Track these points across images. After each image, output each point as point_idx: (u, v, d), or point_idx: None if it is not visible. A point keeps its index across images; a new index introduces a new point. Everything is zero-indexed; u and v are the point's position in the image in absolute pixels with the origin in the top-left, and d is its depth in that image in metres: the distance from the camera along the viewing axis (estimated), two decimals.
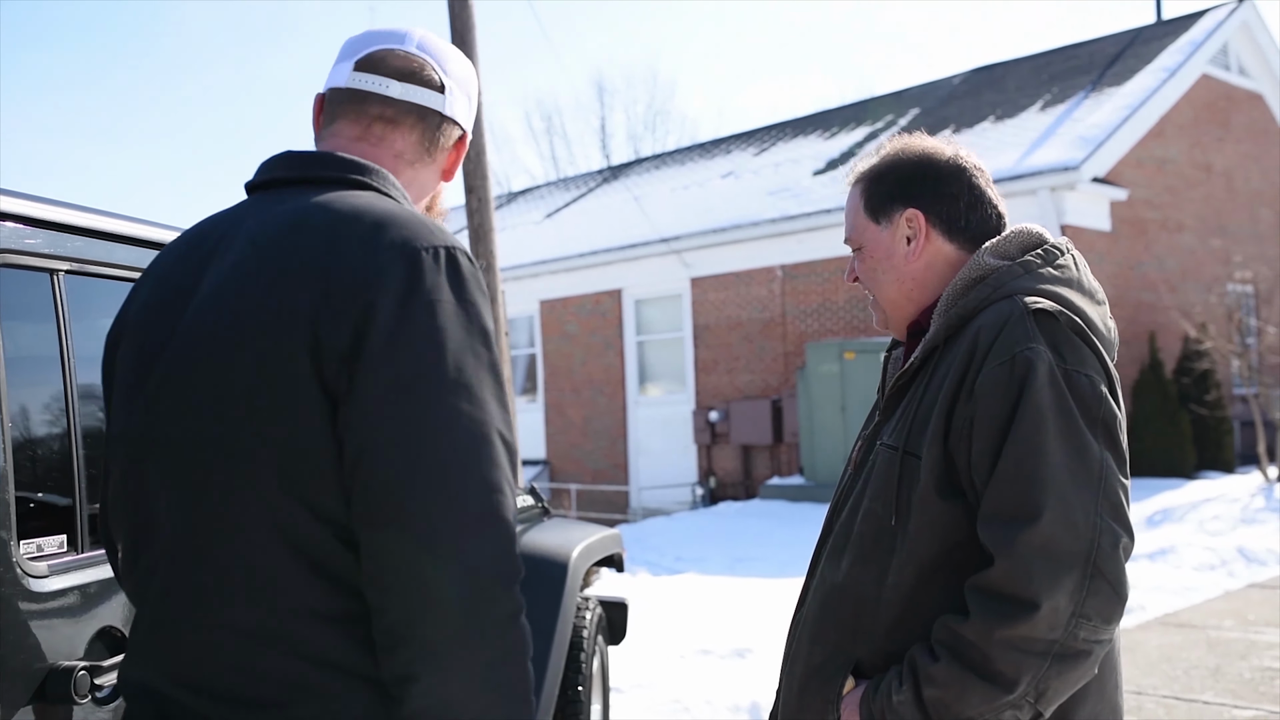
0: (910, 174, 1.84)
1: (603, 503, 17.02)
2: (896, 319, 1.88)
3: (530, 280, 18.09)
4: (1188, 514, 10.39)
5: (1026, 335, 1.63)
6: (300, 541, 1.32)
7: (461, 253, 1.39)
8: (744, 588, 8.35)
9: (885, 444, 1.78)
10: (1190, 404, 13.36)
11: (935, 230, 1.83)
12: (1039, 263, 1.75)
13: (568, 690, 3.94)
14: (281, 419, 1.32)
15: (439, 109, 1.60)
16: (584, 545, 4.11)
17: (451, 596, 1.25)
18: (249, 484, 1.33)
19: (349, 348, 1.30)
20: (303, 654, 1.31)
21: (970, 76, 18.63)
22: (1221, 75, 15.94)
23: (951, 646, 1.59)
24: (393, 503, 1.27)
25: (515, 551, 1.31)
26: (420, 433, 1.28)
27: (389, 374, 1.29)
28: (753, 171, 18.24)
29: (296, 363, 1.32)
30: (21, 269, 1.95)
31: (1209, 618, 7.05)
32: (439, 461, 1.28)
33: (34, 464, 1.96)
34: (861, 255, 1.88)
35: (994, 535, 1.58)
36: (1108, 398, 1.65)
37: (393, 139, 1.58)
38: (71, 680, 1.78)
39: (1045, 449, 1.58)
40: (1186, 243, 15.08)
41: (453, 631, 1.26)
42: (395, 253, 1.34)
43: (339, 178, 1.49)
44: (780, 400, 14.86)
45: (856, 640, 1.73)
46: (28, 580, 1.80)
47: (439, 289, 1.34)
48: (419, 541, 1.26)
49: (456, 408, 1.30)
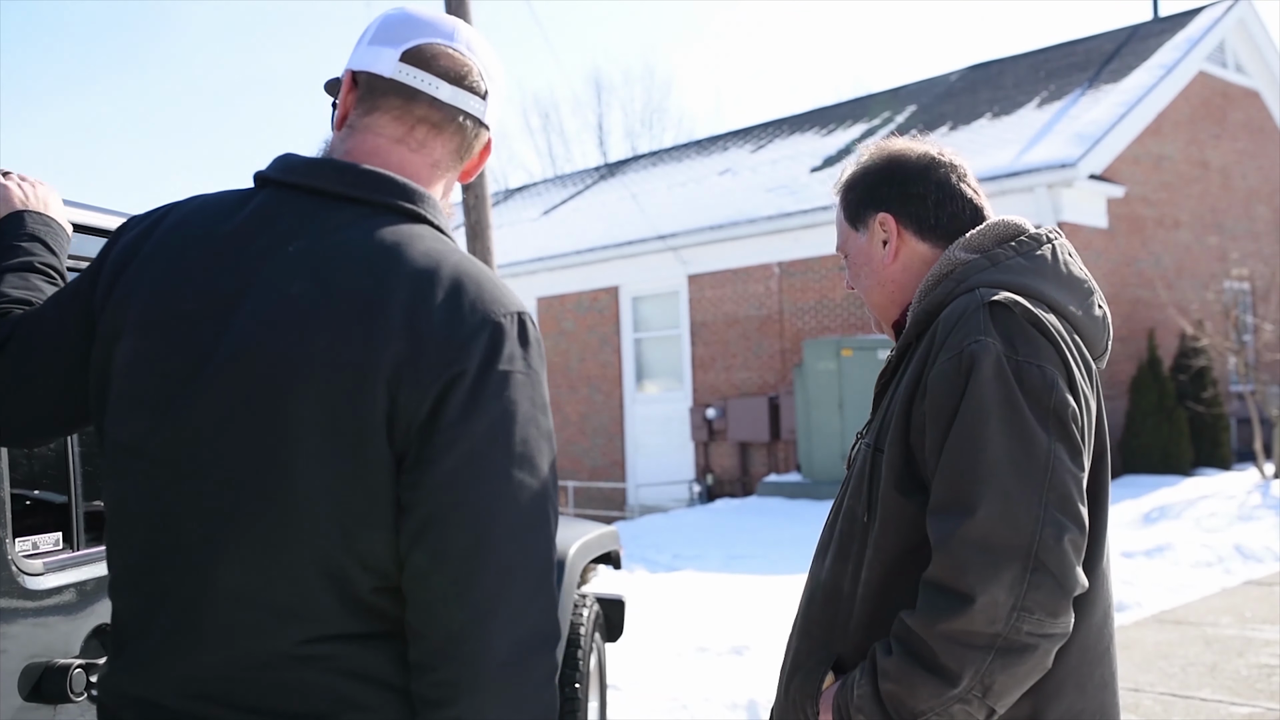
0: (878, 178, 1.86)
1: (600, 500, 17.03)
2: (884, 321, 1.93)
3: (527, 277, 18.08)
4: (1185, 511, 10.41)
5: (978, 328, 1.62)
6: (340, 582, 1.33)
7: (529, 318, 1.40)
8: (741, 585, 8.35)
9: (864, 442, 1.81)
10: (1187, 401, 13.37)
11: (907, 231, 1.84)
12: (1008, 254, 1.74)
13: (565, 688, 3.93)
14: (344, 469, 1.30)
15: (480, 116, 1.54)
16: (581, 542, 4.11)
17: (504, 661, 1.30)
18: (297, 525, 1.31)
19: (428, 415, 1.30)
20: (341, 671, 1.33)
21: (967, 73, 18.63)
22: (1218, 72, 15.95)
23: (903, 640, 1.60)
24: (456, 572, 1.30)
25: (558, 615, 1.36)
26: (488, 506, 1.31)
27: (464, 446, 1.30)
28: (750, 169, 18.24)
29: (370, 420, 1.30)
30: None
31: (1206, 615, 7.06)
32: (503, 535, 1.31)
33: (29, 461, 1.96)
34: (850, 263, 1.92)
35: (935, 529, 1.59)
36: (1060, 388, 1.61)
37: (433, 146, 1.51)
38: (67, 678, 1.78)
39: (985, 442, 1.57)
40: (1183, 240, 15.10)
41: (501, 692, 1.31)
42: (479, 321, 1.34)
43: (394, 205, 1.42)
44: (777, 397, 14.86)
45: (834, 636, 1.75)
46: (23, 578, 1.80)
47: (514, 359, 1.35)
48: (478, 610, 1.30)
49: (521, 481, 1.33)
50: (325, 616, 1.33)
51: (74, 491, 1.99)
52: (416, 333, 1.31)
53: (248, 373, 1.33)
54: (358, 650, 1.34)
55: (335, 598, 1.33)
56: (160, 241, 1.45)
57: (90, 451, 2.04)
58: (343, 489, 1.30)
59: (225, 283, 1.38)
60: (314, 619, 1.32)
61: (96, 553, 1.97)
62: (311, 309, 1.33)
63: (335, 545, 1.31)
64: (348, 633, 1.34)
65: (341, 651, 1.33)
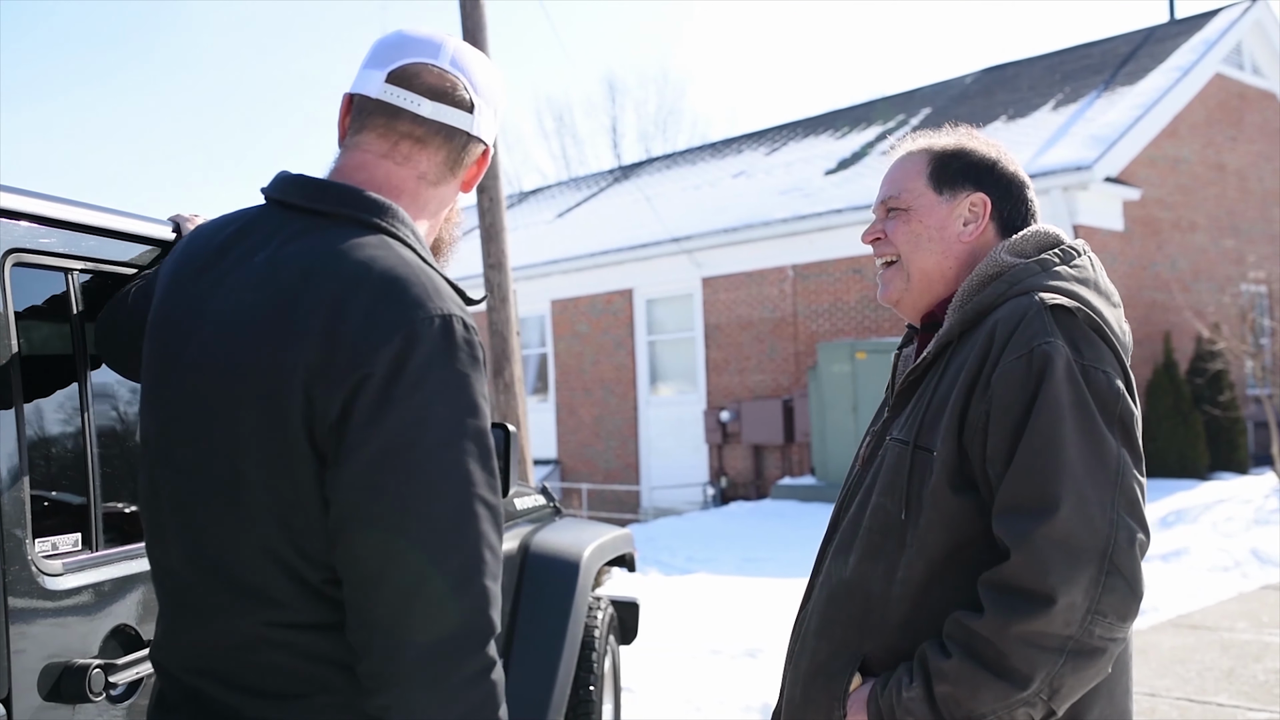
0: (987, 164, 1.86)
1: (614, 502, 17.03)
2: (917, 291, 1.86)
3: (541, 280, 18.10)
4: (1201, 515, 10.35)
5: (1044, 330, 1.62)
6: (294, 571, 1.41)
7: (458, 320, 1.43)
8: (755, 588, 8.34)
9: (895, 439, 1.77)
10: (1204, 405, 13.31)
11: (993, 223, 1.84)
12: (1056, 261, 1.75)
13: (579, 690, 3.94)
14: (278, 468, 1.40)
15: (467, 129, 1.60)
16: (595, 545, 4.11)
17: (426, 656, 1.34)
18: (248, 517, 1.42)
19: (338, 416, 1.36)
20: (308, 655, 1.42)
21: (982, 76, 18.59)
22: (1235, 74, 15.88)
23: (964, 643, 1.58)
24: (369, 568, 1.36)
25: (490, 612, 1.38)
26: (399, 504, 1.35)
27: (373, 446, 1.35)
28: (764, 171, 18.23)
29: (292, 421, 1.38)
30: (36, 268, 1.95)
31: (1222, 619, 7.02)
32: (417, 531, 1.35)
33: (48, 463, 1.97)
34: (906, 218, 1.86)
35: (1010, 528, 1.57)
36: (1124, 395, 1.64)
37: (419, 159, 1.58)
38: (86, 678, 1.79)
39: (1063, 442, 1.57)
40: (1199, 243, 15.03)
41: (425, 687, 1.34)
42: (392, 325, 1.38)
43: (352, 217, 1.50)
44: (792, 400, 14.84)
45: (864, 636, 1.72)
46: (42, 578, 1.81)
47: (429, 364, 1.38)
48: (391, 606, 1.34)
49: (435, 481, 1.37)
50: (286, 602, 1.41)
51: (93, 492, 2.00)
52: (333, 336, 1.38)
53: (205, 374, 1.46)
54: (321, 637, 1.42)
55: (292, 585, 1.41)
56: (174, 255, 1.62)
57: (109, 453, 2.05)
58: (278, 485, 1.40)
59: (201, 291, 1.52)
60: (276, 604, 1.42)
61: (115, 553, 1.99)
62: (256, 315, 1.44)
63: (277, 537, 1.41)
64: (311, 621, 1.41)
65: (305, 638, 1.42)
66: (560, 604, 3.80)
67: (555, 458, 18.23)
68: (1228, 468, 13.49)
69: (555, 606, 3.79)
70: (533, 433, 16.93)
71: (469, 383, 1.42)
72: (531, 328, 18.65)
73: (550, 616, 3.77)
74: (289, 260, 1.46)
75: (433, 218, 1.63)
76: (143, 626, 1.97)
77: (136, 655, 1.91)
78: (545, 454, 18.23)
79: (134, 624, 1.97)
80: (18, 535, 1.76)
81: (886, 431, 1.83)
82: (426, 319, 1.40)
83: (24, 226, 1.91)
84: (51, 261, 1.98)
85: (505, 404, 8.49)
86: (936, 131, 1.93)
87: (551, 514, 4.35)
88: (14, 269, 1.88)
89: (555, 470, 18.03)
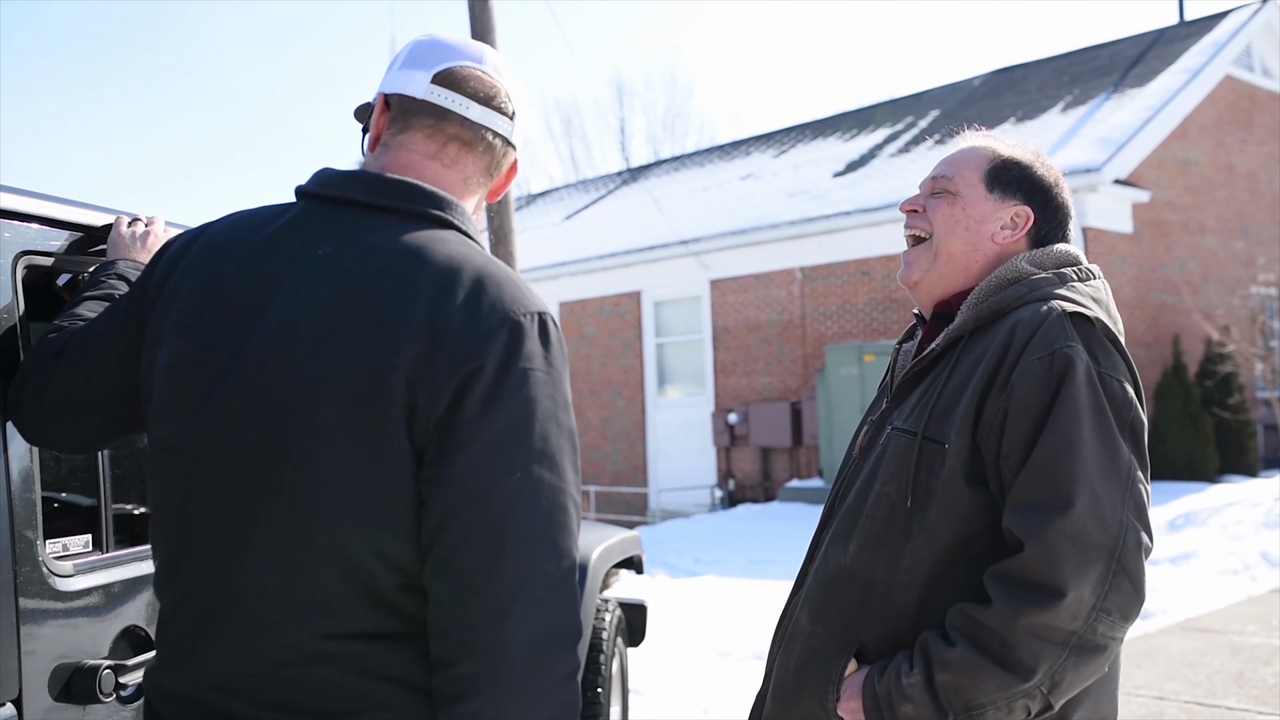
0: (1040, 184, 1.89)
1: (621, 505, 17.03)
2: (939, 274, 1.87)
3: (549, 282, 18.11)
4: (1210, 518, 10.31)
5: (1065, 334, 1.66)
6: (363, 578, 1.36)
7: (551, 319, 1.43)
8: (763, 590, 8.33)
9: (899, 428, 1.78)
10: (1213, 407, 13.27)
11: (1027, 237, 1.87)
12: (1073, 278, 1.80)
13: (587, 692, 3.94)
14: (364, 466, 1.34)
15: (508, 136, 1.60)
16: (603, 547, 4.11)
17: (523, 656, 1.32)
18: (319, 521, 1.35)
19: (445, 412, 1.33)
20: (363, 670, 1.36)
21: (991, 78, 18.57)
22: (1245, 76, 15.84)
23: (969, 633, 1.60)
24: (475, 566, 1.32)
25: (579, 613, 1.38)
26: (506, 501, 1.33)
27: (482, 441, 1.33)
28: (772, 173, 18.22)
29: (390, 417, 1.34)
30: (46, 270, 1.96)
31: (1232, 623, 7.00)
32: (521, 530, 1.33)
33: (59, 465, 1.98)
34: (952, 201, 1.88)
35: (1025, 522, 1.60)
36: (1136, 404, 1.69)
37: (465, 163, 1.57)
38: (97, 679, 1.80)
39: (1081, 442, 1.61)
40: (1209, 245, 14.99)
41: (520, 688, 1.32)
42: (498, 320, 1.37)
43: (422, 213, 1.47)
44: (799, 402, 14.83)
45: (862, 623, 1.74)
46: (53, 580, 1.81)
47: (533, 358, 1.38)
48: (499, 605, 1.31)
49: (540, 477, 1.35)
50: (347, 613, 1.36)
51: (103, 494, 2.01)
52: (435, 331, 1.35)
53: (271, 374, 1.39)
54: (379, 649, 1.36)
55: (357, 594, 1.36)
56: (200, 252, 1.53)
57: (120, 455, 2.06)
58: (363, 486, 1.34)
59: (252, 288, 1.45)
60: (335, 615, 1.36)
61: (125, 555, 1.99)
62: (335, 311, 1.38)
63: (356, 542, 1.35)
64: (369, 631, 1.36)
65: (362, 650, 1.36)
66: None
67: None
68: (1237, 470, 13.44)
69: None
70: None
71: (563, 379, 1.42)
72: None
73: None
74: (366, 254, 1.41)
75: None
76: (153, 628, 1.97)
77: (147, 656, 1.91)
78: None
79: (144, 625, 1.97)
80: (29, 536, 1.77)
81: (886, 421, 1.85)
82: (528, 314, 1.40)
83: (33, 229, 1.92)
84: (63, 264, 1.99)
85: None
86: (1012, 139, 1.96)
87: None
88: (25, 271, 1.89)
89: None
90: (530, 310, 1.40)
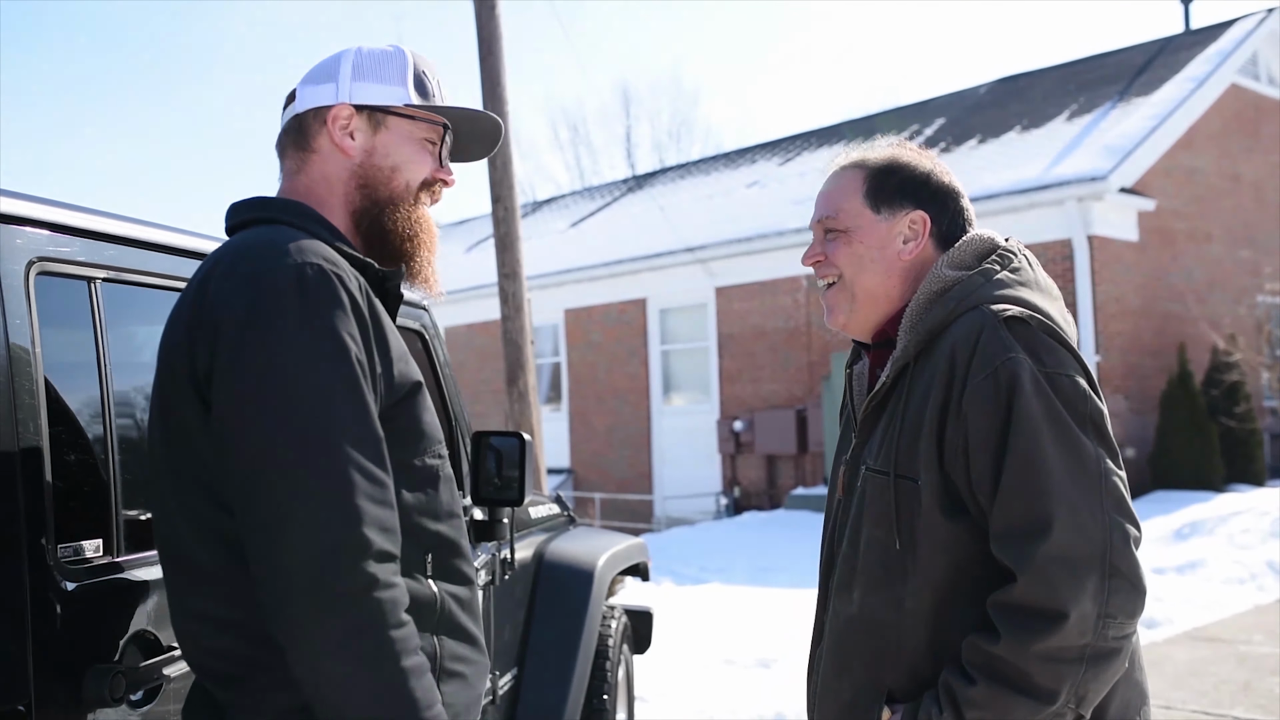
0: (919, 180, 1.86)
1: (627, 512, 17.02)
2: (864, 312, 1.87)
3: (555, 289, 18.12)
4: (1217, 527, 10.29)
5: (1004, 345, 1.63)
6: (232, 540, 1.50)
7: (311, 267, 1.52)
8: (768, 598, 8.33)
9: (872, 469, 1.77)
10: (1219, 416, 13.23)
11: (931, 238, 1.85)
12: (997, 269, 1.76)
13: (593, 699, 3.94)
14: (185, 438, 1.54)
15: (293, 114, 1.76)
16: (609, 554, 4.12)
17: (298, 577, 1.40)
18: (183, 495, 1.56)
19: (206, 368, 1.51)
20: (251, 636, 1.50)
21: (996, 86, 18.57)
22: (1251, 85, 15.82)
23: (985, 668, 1.59)
24: (245, 498, 1.46)
25: (364, 529, 1.43)
26: (257, 439, 1.45)
27: (232, 389, 1.47)
28: (778, 181, 18.23)
29: (184, 388, 1.54)
30: (59, 276, 1.97)
31: (1238, 632, 6.98)
32: (277, 461, 1.44)
33: (71, 468, 1.99)
34: (847, 239, 1.85)
35: (1011, 552, 1.59)
36: (1090, 395, 1.65)
37: (285, 168, 1.78)
38: (108, 682, 1.80)
39: (1044, 458, 1.58)
40: (1215, 253, 14.97)
41: (303, 607, 1.40)
42: (241, 279, 1.52)
43: (250, 219, 1.69)
44: (805, 410, 14.82)
45: (883, 669, 1.73)
46: (65, 583, 1.82)
47: (280, 312, 1.49)
48: (269, 530, 1.43)
49: (290, 413, 1.45)
50: (229, 579, 1.52)
51: (114, 498, 2.02)
52: (199, 304, 1.54)
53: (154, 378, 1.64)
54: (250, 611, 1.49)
55: (230, 555, 1.51)
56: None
57: (129, 459, 2.07)
58: (191, 454, 1.54)
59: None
60: (222, 580, 1.53)
61: (136, 559, 2.00)
62: (173, 317, 1.63)
63: (205, 504, 1.53)
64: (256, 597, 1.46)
65: (252, 618, 1.48)
66: (574, 613, 3.81)
67: (568, 467, 18.23)
68: (1244, 479, 13.40)
69: (569, 615, 3.80)
70: (546, 442, 16.92)
71: (326, 325, 1.50)
72: (545, 337, 18.67)
73: (564, 625, 3.77)
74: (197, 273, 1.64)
75: (339, 196, 1.74)
76: (163, 631, 1.98)
77: (157, 660, 1.92)
78: (559, 463, 18.24)
79: (154, 629, 1.98)
80: (41, 540, 1.78)
81: (859, 460, 1.83)
82: (275, 269, 1.51)
83: (47, 235, 1.94)
84: (74, 270, 2.00)
85: (519, 413, 8.51)
86: (870, 144, 1.93)
87: (565, 523, 4.36)
88: (38, 278, 1.90)
89: (568, 479, 18.03)
90: (281, 265, 1.52)
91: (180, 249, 2.26)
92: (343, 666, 1.40)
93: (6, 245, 1.83)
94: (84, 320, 2.03)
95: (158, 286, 2.20)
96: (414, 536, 1.58)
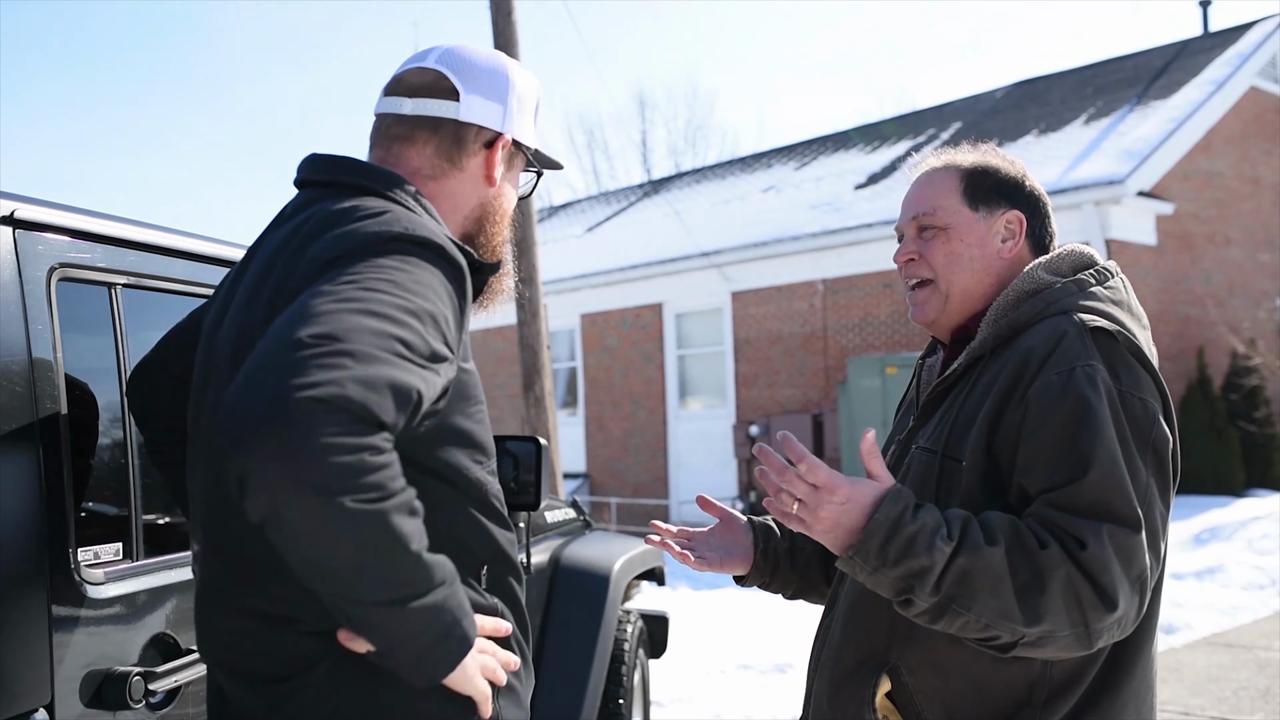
0: (1014, 182, 1.87)
1: (643, 516, 17.01)
2: (955, 309, 1.85)
3: (571, 294, 18.14)
4: (1236, 532, 10.23)
5: (1085, 353, 1.62)
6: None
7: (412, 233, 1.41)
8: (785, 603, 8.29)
9: (923, 447, 1.78)
10: (1239, 421, 13.16)
11: (1027, 240, 1.85)
12: (1092, 282, 1.76)
13: (609, 703, 3.95)
14: None
15: (453, 117, 1.63)
16: (625, 559, 4.12)
17: (285, 367, 1.20)
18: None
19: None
20: (308, 632, 1.43)
21: (1013, 90, 18.51)
22: (1270, 88, 15.73)
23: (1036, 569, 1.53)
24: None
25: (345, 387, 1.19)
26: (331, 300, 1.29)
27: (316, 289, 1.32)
28: (794, 185, 18.21)
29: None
30: (80, 283, 1.99)
31: (1258, 638, 6.94)
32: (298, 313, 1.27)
33: (91, 474, 2.00)
34: (945, 236, 1.84)
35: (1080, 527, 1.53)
36: (1160, 422, 1.63)
37: (409, 156, 1.63)
38: (127, 685, 1.82)
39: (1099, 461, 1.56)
40: (1234, 257, 14.88)
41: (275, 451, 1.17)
42: (345, 233, 1.42)
43: (348, 183, 1.55)
44: (821, 415, 14.79)
45: (892, 643, 1.72)
46: (85, 587, 1.84)
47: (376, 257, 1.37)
48: (291, 319, 1.26)
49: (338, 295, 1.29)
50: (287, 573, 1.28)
51: (134, 503, 2.03)
52: (287, 280, 1.44)
53: (220, 357, 1.52)
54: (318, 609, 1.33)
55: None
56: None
57: (149, 464, 2.08)
58: None
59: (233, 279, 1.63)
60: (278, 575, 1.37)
61: (155, 563, 2.02)
62: (250, 292, 1.52)
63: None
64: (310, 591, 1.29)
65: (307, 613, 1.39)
66: (590, 617, 3.81)
67: (585, 471, 18.24)
68: (1263, 485, 13.31)
69: (585, 619, 3.81)
70: (562, 446, 16.93)
71: (418, 275, 1.37)
72: (561, 342, 18.69)
73: (580, 629, 3.78)
74: (281, 237, 1.53)
75: (451, 214, 1.65)
76: (181, 635, 2.00)
77: (176, 663, 1.94)
78: (575, 468, 18.25)
79: (173, 632, 2.00)
80: (61, 545, 1.80)
81: (912, 440, 1.84)
82: (382, 232, 1.41)
83: (68, 242, 1.95)
84: (95, 276, 2.02)
85: (536, 417, 8.53)
86: (957, 148, 1.94)
87: (582, 527, 4.37)
88: (59, 284, 1.92)
89: (584, 484, 18.04)
90: (385, 231, 1.41)
91: (200, 255, 2.28)
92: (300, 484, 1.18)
93: (28, 252, 1.85)
94: (105, 326, 2.04)
95: (178, 292, 2.22)
96: (469, 546, 1.51)
